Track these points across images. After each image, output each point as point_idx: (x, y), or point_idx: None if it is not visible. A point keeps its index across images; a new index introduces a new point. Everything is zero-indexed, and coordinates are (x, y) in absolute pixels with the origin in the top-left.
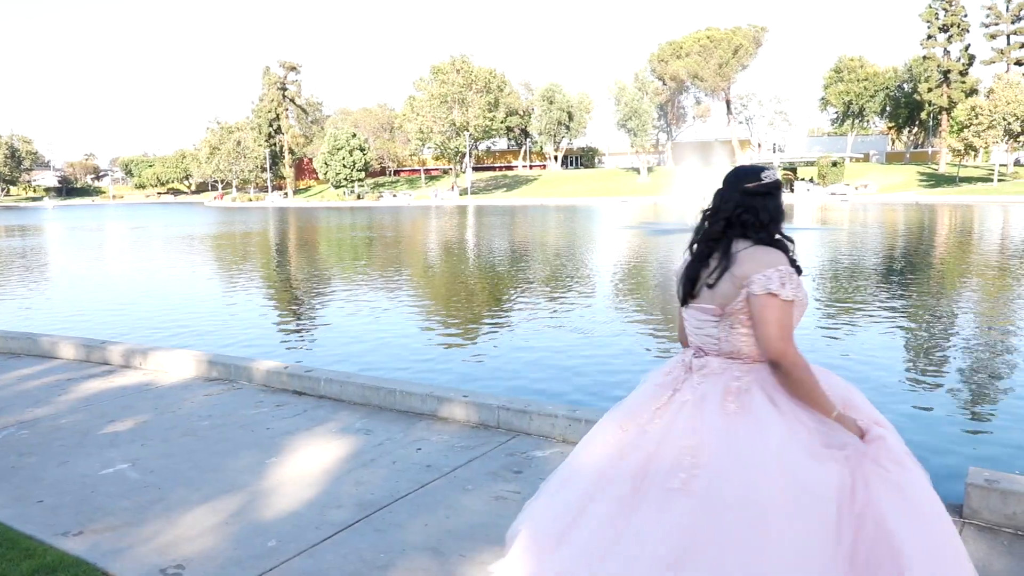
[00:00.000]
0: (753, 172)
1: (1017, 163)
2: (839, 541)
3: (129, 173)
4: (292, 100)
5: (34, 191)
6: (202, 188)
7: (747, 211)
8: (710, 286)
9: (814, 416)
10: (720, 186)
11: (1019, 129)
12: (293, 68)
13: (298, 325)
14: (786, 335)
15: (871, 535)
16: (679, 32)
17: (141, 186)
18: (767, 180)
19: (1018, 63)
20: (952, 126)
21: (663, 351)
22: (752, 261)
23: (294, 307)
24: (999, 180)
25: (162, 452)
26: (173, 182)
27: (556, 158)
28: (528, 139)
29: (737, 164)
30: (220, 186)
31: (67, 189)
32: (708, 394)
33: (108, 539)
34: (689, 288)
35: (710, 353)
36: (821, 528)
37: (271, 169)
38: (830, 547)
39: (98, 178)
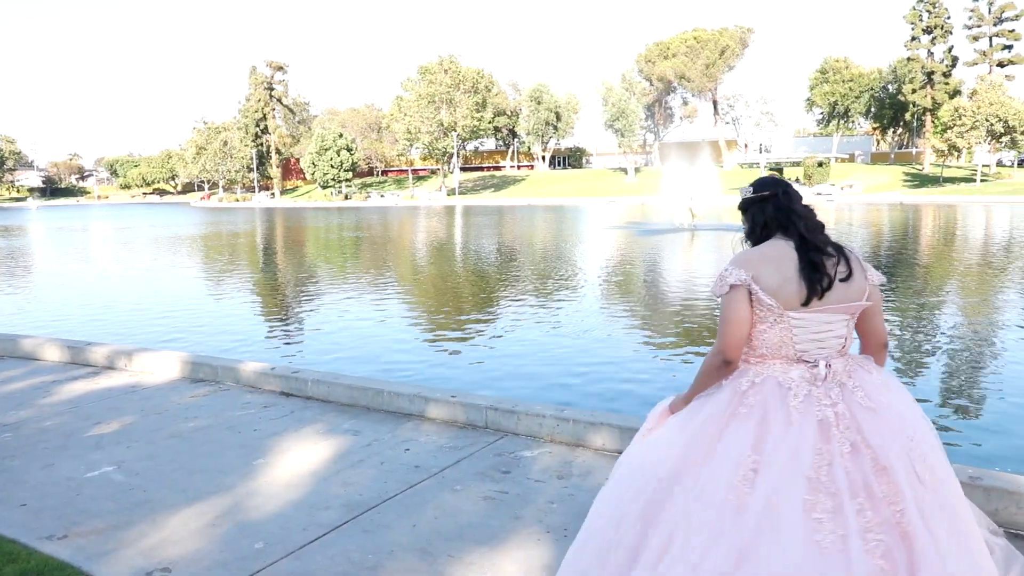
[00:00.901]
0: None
1: (999, 164)
2: None
3: (114, 173)
4: (279, 100)
5: (17, 191)
6: (188, 188)
7: None
8: (845, 280)
9: None
10: (780, 192)
11: (1001, 130)
12: (280, 68)
13: (285, 326)
14: None
15: None
16: (666, 33)
17: (126, 186)
18: None
19: (1000, 65)
20: (936, 127)
21: (653, 351)
22: (860, 257)
23: (281, 308)
24: (982, 180)
25: (148, 454)
26: (159, 182)
27: (544, 158)
28: (516, 139)
29: (724, 165)
30: (206, 186)
31: (51, 189)
32: (873, 394)
33: (93, 542)
34: (827, 283)
35: (833, 356)
36: None
37: (258, 169)
38: None
39: (83, 178)
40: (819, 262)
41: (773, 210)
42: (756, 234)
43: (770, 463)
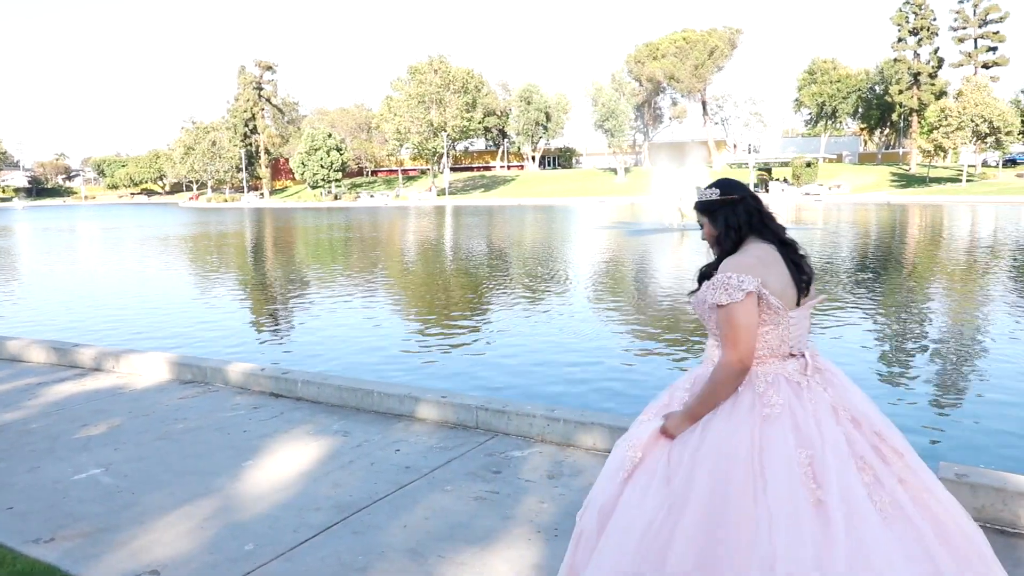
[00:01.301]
0: None
1: (985, 164)
2: None
3: (101, 173)
4: (268, 100)
5: (3, 191)
6: (176, 189)
7: None
8: (811, 280)
9: None
10: (748, 195)
11: (987, 131)
12: (269, 67)
13: (274, 326)
14: None
15: None
16: (655, 33)
17: (114, 186)
18: None
19: (985, 66)
20: (922, 127)
21: (643, 351)
22: None
23: (270, 308)
24: (967, 180)
25: (136, 456)
26: (147, 182)
27: (534, 158)
28: (506, 139)
29: (713, 165)
30: (195, 186)
31: (37, 189)
32: (836, 371)
33: (80, 545)
34: (808, 281)
35: (805, 347)
36: None
37: (247, 169)
38: None
39: (69, 178)
40: (801, 263)
41: (745, 213)
42: (731, 237)
43: (821, 455)
